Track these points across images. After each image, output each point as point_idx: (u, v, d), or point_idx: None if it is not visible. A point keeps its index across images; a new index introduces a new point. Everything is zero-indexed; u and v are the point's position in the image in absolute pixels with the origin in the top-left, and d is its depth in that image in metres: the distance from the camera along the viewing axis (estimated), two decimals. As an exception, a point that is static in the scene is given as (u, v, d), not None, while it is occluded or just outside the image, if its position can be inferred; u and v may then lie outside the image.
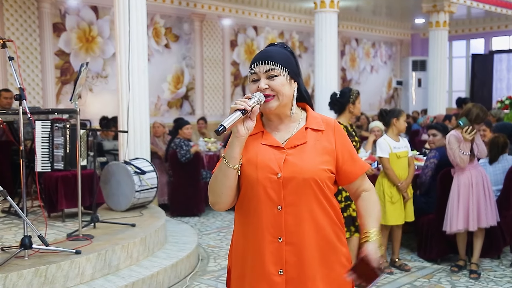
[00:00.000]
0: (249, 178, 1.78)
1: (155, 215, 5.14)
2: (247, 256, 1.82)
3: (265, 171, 1.76)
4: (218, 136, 1.69)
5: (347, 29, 13.92)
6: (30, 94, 8.30)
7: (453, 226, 4.46)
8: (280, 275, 1.77)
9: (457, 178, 4.51)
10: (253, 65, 1.81)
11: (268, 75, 1.79)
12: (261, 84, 1.78)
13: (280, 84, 1.79)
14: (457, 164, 4.43)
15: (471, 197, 4.43)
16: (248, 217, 1.81)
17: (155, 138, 7.51)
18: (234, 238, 1.92)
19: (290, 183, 1.75)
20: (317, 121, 1.87)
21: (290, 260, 1.77)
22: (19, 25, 8.21)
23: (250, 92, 1.82)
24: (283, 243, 1.76)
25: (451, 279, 4.48)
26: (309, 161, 1.78)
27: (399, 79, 15.65)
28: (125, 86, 5.64)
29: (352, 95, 4.26)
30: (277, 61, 1.80)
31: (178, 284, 4.34)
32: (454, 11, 11.04)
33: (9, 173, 5.86)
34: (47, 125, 4.61)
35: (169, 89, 10.30)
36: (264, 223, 1.77)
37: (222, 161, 1.76)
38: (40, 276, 3.53)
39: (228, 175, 1.76)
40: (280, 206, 1.76)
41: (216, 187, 1.79)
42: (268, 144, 1.81)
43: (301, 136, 1.82)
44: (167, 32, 10.16)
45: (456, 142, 4.39)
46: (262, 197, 1.77)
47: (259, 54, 1.84)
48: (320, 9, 8.28)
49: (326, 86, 8.18)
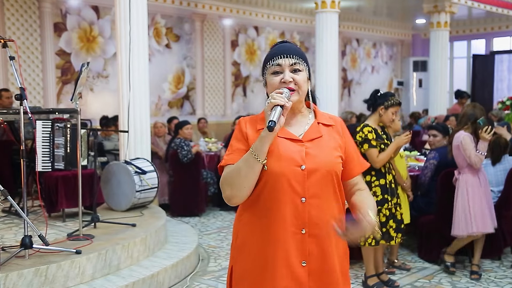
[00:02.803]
0: (273, 171, 1.77)
1: (156, 215, 5.14)
2: (269, 250, 1.80)
3: (289, 163, 1.77)
4: (271, 132, 1.65)
5: (348, 30, 13.92)
6: (31, 93, 8.30)
7: (468, 228, 4.36)
8: (303, 267, 1.79)
9: (465, 179, 4.42)
10: (276, 57, 1.82)
11: (292, 68, 1.81)
12: (286, 76, 1.80)
13: (303, 79, 1.83)
14: (471, 164, 4.34)
15: (483, 198, 4.40)
16: (268, 210, 1.79)
17: (156, 138, 7.51)
18: (242, 234, 1.88)
19: (313, 175, 1.78)
20: (326, 117, 1.92)
21: (313, 251, 1.80)
22: (20, 24, 8.21)
23: (271, 84, 1.82)
24: (306, 234, 1.78)
25: (451, 280, 4.47)
26: (328, 154, 1.82)
27: (400, 80, 15.64)
28: (126, 86, 5.64)
29: (389, 101, 4.12)
30: (301, 56, 1.85)
31: (179, 284, 4.34)
32: (455, 11, 11.03)
33: (9, 173, 5.86)
34: (48, 124, 4.61)
35: (170, 89, 10.30)
36: (288, 215, 1.77)
37: (250, 155, 1.73)
38: (40, 275, 3.53)
39: (255, 169, 1.74)
40: (304, 198, 1.77)
41: (238, 181, 1.76)
42: (286, 137, 1.82)
43: (316, 130, 1.86)
44: (168, 32, 10.16)
45: (472, 143, 4.35)
46: (286, 189, 1.77)
47: (283, 48, 1.85)
48: (321, 9, 8.27)
49: (327, 87, 8.19)
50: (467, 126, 4.44)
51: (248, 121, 1.89)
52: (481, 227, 4.38)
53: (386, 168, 4.16)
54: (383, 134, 4.19)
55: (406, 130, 7.97)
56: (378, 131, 4.15)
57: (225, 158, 1.84)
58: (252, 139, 1.80)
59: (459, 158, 4.45)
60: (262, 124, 1.81)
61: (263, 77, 1.89)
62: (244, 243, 1.87)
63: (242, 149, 1.82)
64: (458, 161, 4.47)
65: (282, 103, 1.68)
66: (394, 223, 4.14)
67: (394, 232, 4.14)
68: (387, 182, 4.13)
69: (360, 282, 4.42)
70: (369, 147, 4.08)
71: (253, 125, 1.87)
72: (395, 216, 4.16)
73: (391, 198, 4.12)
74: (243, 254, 1.88)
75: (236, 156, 1.81)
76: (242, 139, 1.85)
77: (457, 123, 4.66)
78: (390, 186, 4.14)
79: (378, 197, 4.09)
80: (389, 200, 4.10)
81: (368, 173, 4.14)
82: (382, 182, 4.12)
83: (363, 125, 4.19)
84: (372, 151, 4.08)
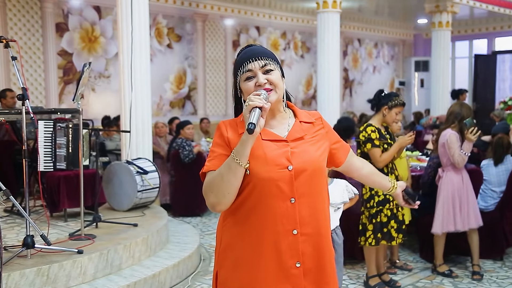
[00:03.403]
0: (259, 175, 1.74)
1: (157, 215, 5.15)
2: (259, 255, 1.78)
3: (275, 166, 1.75)
4: (251, 134, 1.63)
5: (350, 29, 13.91)
6: (33, 93, 8.32)
7: (449, 226, 4.40)
8: (297, 268, 1.78)
9: (449, 177, 4.42)
10: (245, 63, 1.79)
11: (264, 70, 1.79)
12: (260, 79, 1.77)
13: (277, 78, 1.81)
14: (454, 164, 4.35)
15: (466, 196, 4.41)
16: (256, 214, 1.77)
17: (157, 138, 7.52)
18: (227, 239, 1.85)
19: (301, 174, 1.77)
20: (305, 115, 1.92)
21: (307, 251, 1.79)
22: (22, 25, 8.23)
23: (246, 91, 1.80)
24: (298, 235, 1.77)
25: (453, 280, 4.47)
26: (314, 152, 1.83)
27: (401, 80, 15.64)
28: (128, 86, 5.65)
29: (393, 101, 4.11)
30: (270, 56, 1.82)
31: (180, 284, 4.34)
32: (457, 11, 11.02)
33: (12, 173, 5.87)
34: (50, 124, 4.61)
35: (172, 89, 10.31)
36: (278, 217, 1.75)
37: (232, 160, 1.69)
38: (42, 275, 3.53)
39: (238, 174, 1.70)
40: (293, 199, 1.76)
41: (221, 187, 1.72)
42: (270, 139, 1.80)
43: (299, 129, 1.86)
44: (170, 32, 10.17)
45: (457, 142, 4.34)
46: (275, 193, 1.75)
47: (250, 52, 1.83)
48: (322, 9, 8.27)
49: (329, 87, 8.19)
50: (454, 125, 4.41)
51: (228, 125, 1.85)
52: (460, 226, 4.39)
53: (389, 168, 4.15)
54: (386, 134, 4.18)
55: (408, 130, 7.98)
56: (381, 131, 4.14)
57: (207, 165, 1.80)
58: (234, 143, 1.76)
59: (443, 156, 4.43)
60: (242, 128, 1.76)
61: (236, 84, 1.85)
62: (229, 248, 1.84)
63: (224, 154, 1.78)
64: (443, 159, 4.45)
65: (260, 105, 1.65)
66: (396, 223, 4.14)
67: (395, 232, 4.14)
68: None
69: (361, 282, 4.42)
70: (372, 146, 4.08)
71: (233, 128, 1.83)
72: (397, 217, 4.16)
73: (392, 198, 4.11)
74: (228, 260, 1.85)
75: (218, 161, 1.77)
76: (223, 144, 1.81)
77: (445, 121, 4.61)
78: None
79: (380, 197, 4.09)
80: (390, 200, 4.10)
81: (370, 173, 4.14)
82: None
83: (366, 125, 4.18)
84: (375, 151, 4.08)
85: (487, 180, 4.94)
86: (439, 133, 4.53)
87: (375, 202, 4.08)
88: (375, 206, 4.08)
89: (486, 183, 4.94)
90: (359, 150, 4.21)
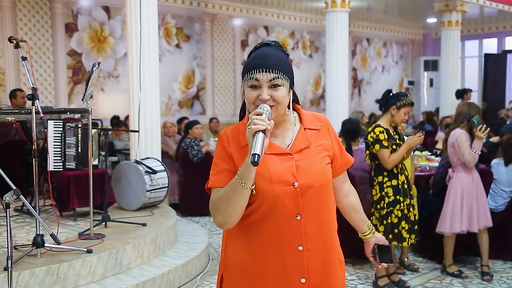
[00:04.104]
0: (265, 194, 1.69)
1: (166, 214, 5.16)
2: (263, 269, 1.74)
3: (280, 183, 1.69)
4: (255, 167, 1.56)
5: (358, 29, 13.87)
6: (43, 93, 8.37)
7: (455, 227, 4.37)
8: (302, 284, 1.73)
9: (459, 178, 4.40)
10: (254, 70, 1.68)
11: (271, 84, 1.68)
12: (264, 95, 1.67)
13: (282, 96, 1.70)
14: (465, 163, 4.33)
15: (475, 197, 4.38)
16: (262, 231, 1.72)
17: (166, 137, 7.54)
18: (231, 248, 1.83)
19: (308, 191, 1.71)
20: (311, 120, 1.84)
21: (312, 266, 1.74)
22: (32, 25, 8.28)
23: (247, 98, 1.71)
24: (303, 251, 1.72)
25: (463, 281, 4.44)
26: (319, 165, 1.76)
27: (410, 79, 15.56)
28: (136, 86, 5.66)
29: (401, 101, 4.08)
30: (282, 70, 1.69)
31: (189, 284, 4.35)
32: (466, 10, 10.95)
33: (22, 172, 5.90)
34: (59, 124, 4.64)
35: (180, 89, 10.33)
36: (283, 234, 1.71)
37: (237, 183, 1.63)
38: (52, 274, 3.55)
39: (244, 196, 1.65)
40: (299, 215, 1.71)
41: (227, 209, 1.67)
42: (273, 153, 1.73)
43: (303, 139, 1.78)
44: (178, 32, 10.19)
45: (467, 141, 4.33)
46: (279, 210, 1.69)
47: (261, 59, 1.70)
48: (331, 8, 8.25)
49: (337, 86, 8.16)
50: (463, 124, 4.40)
51: (230, 136, 1.78)
52: (467, 226, 4.36)
53: (399, 169, 4.13)
54: (395, 134, 4.15)
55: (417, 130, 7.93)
56: (390, 132, 4.11)
57: (211, 179, 1.76)
58: (237, 158, 1.72)
59: (453, 156, 4.42)
60: (244, 139, 1.69)
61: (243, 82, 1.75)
62: (235, 253, 1.81)
63: (227, 169, 1.74)
64: (452, 159, 4.43)
65: (263, 128, 1.57)
66: (407, 224, 4.10)
67: (406, 233, 4.11)
68: (399, 182, 4.10)
69: (370, 282, 4.41)
70: (380, 147, 4.05)
71: (235, 140, 1.76)
72: (408, 217, 4.13)
73: (403, 199, 4.09)
74: (234, 265, 1.82)
75: (222, 178, 1.73)
76: (226, 158, 1.75)
77: (453, 121, 4.60)
78: (403, 187, 4.11)
79: (390, 198, 4.06)
80: (401, 201, 4.07)
81: (380, 174, 4.12)
82: (394, 183, 4.09)
83: (374, 126, 4.16)
84: (383, 152, 4.05)
85: (497, 180, 4.90)
86: (448, 133, 4.51)
87: (385, 204, 4.06)
88: (385, 207, 4.06)
89: (496, 182, 4.90)
90: (368, 151, 4.19)
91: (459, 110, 4.53)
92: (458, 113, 4.49)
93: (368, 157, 4.21)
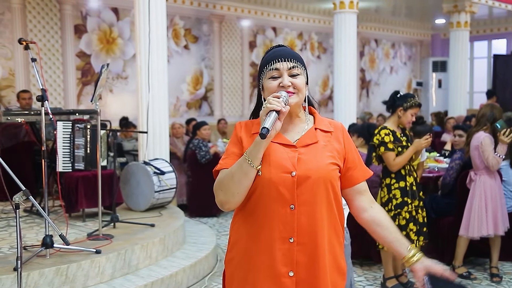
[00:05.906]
0: (262, 177, 1.71)
1: (174, 215, 5.17)
2: (253, 258, 1.75)
3: (278, 169, 1.71)
4: (263, 139, 1.61)
5: (367, 30, 13.84)
6: (52, 95, 8.42)
7: (483, 230, 4.33)
8: (290, 277, 1.72)
9: (482, 181, 4.37)
10: (274, 61, 1.77)
11: (291, 72, 1.76)
12: (285, 81, 1.74)
13: (302, 83, 1.78)
14: (489, 166, 4.30)
15: (499, 199, 4.35)
16: (256, 216, 1.75)
17: (174, 139, 7.56)
18: (232, 239, 1.85)
19: (304, 182, 1.72)
20: (325, 123, 1.86)
21: (301, 260, 1.73)
22: (41, 27, 8.33)
23: (268, 89, 1.77)
24: (294, 243, 1.72)
25: (472, 282, 4.42)
26: (322, 160, 1.76)
27: (419, 80, 15.50)
28: (145, 87, 5.69)
29: (408, 102, 4.04)
30: (299, 60, 1.80)
31: (197, 285, 4.36)
32: (475, 11, 10.90)
33: (31, 173, 5.94)
34: (68, 125, 4.67)
35: (188, 90, 10.35)
36: (275, 223, 1.71)
37: (244, 161, 1.68)
38: (61, 275, 3.58)
39: (249, 175, 1.69)
40: (293, 206, 1.71)
41: (231, 187, 1.71)
42: (279, 143, 1.76)
43: (312, 136, 1.80)
44: (187, 33, 10.22)
45: (491, 144, 4.30)
46: (274, 196, 1.71)
47: (280, 51, 1.80)
48: (339, 9, 8.24)
49: (345, 87, 8.15)
50: (486, 127, 4.37)
51: (244, 125, 1.85)
52: (493, 229, 4.34)
53: (407, 171, 4.10)
54: (402, 136, 4.11)
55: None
56: (396, 134, 4.08)
57: (220, 163, 1.79)
58: (246, 143, 1.77)
59: (477, 159, 4.39)
60: (257, 128, 1.74)
61: (259, 82, 1.83)
62: (235, 246, 1.83)
63: (237, 153, 1.78)
64: (476, 162, 4.40)
65: (279, 108, 1.63)
66: (415, 225, 4.08)
67: (414, 235, 4.08)
68: (407, 184, 4.08)
69: (378, 283, 4.39)
70: (385, 150, 4.02)
71: (248, 129, 1.83)
72: (416, 219, 4.10)
73: (411, 200, 4.06)
74: (232, 261, 1.84)
75: (231, 160, 1.77)
76: (237, 143, 1.81)
77: (476, 123, 4.57)
78: (411, 188, 4.09)
79: (398, 200, 4.05)
80: (409, 203, 4.05)
81: (388, 176, 4.10)
82: (402, 184, 4.06)
83: (381, 128, 4.14)
84: (388, 154, 4.02)
85: (506, 181, 4.87)
86: (471, 135, 4.47)
87: (393, 205, 4.04)
88: (393, 209, 4.04)
89: (505, 184, 4.87)
90: (374, 153, 4.18)
91: (481, 112, 4.49)
92: (481, 115, 4.45)
93: (375, 158, 4.19)
